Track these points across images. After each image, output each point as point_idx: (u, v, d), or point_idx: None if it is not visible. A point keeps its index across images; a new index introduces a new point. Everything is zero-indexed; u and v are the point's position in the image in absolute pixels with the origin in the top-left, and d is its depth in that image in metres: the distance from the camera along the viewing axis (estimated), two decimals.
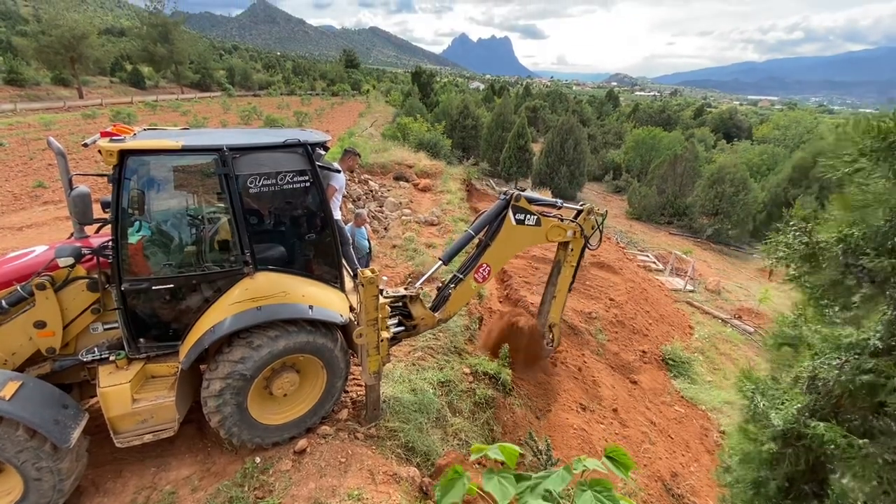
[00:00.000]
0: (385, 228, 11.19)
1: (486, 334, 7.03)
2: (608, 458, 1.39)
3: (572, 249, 6.19)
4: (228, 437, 3.77)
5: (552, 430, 5.97)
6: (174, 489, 3.64)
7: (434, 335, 6.44)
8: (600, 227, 6.21)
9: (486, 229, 5.41)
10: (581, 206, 6.19)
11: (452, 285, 5.20)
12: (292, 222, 4.00)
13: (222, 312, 3.54)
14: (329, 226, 3.98)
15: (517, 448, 1.40)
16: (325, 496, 3.58)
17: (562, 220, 5.94)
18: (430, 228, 11.46)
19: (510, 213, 5.35)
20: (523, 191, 5.60)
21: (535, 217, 5.55)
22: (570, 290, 6.53)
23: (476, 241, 5.44)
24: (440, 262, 5.29)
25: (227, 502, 3.52)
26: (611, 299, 10.33)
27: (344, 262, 4.55)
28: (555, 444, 5.66)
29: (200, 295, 3.67)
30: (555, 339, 6.77)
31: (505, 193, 5.46)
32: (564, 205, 6.03)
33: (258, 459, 3.85)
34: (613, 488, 1.35)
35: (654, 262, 17.28)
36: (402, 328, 4.94)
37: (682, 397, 8.42)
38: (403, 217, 12.13)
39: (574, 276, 6.43)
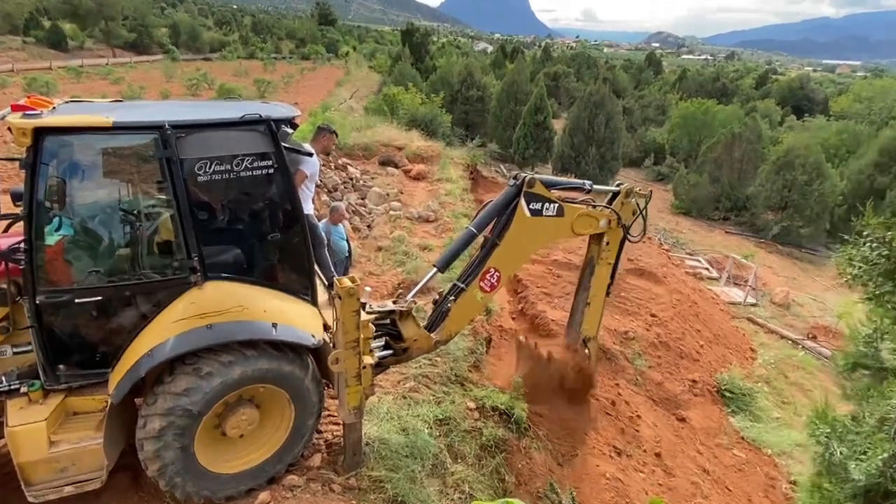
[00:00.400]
0: (368, 226, 11.20)
1: (526, 373, 6.88)
2: None
3: (608, 243, 6.15)
4: (170, 490, 3.71)
5: (579, 480, 5.97)
6: None
7: (430, 360, 6.44)
8: (643, 212, 6.19)
9: (492, 224, 5.39)
10: (618, 186, 6.18)
11: (452, 298, 5.17)
12: (252, 219, 4.01)
13: (163, 332, 3.54)
14: (298, 223, 3.99)
15: None
16: None
17: (593, 206, 5.95)
18: (426, 226, 11.48)
19: (523, 203, 5.28)
20: (538, 174, 5.61)
21: (556, 205, 5.49)
22: (608, 294, 6.53)
23: (481, 240, 5.43)
24: (435, 270, 5.29)
25: None
26: (652, 315, 10.33)
27: (317, 268, 4.56)
28: (582, 497, 5.66)
29: (136, 310, 3.65)
30: (591, 357, 6.77)
31: (515, 178, 5.45)
32: (594, 187, 6.04)
33: None
34: None
35: (707, 269, 17.31)
36: (390, 352, 4.93)
37: (743, 438, 8.43)
38: (392, 212, 12.14)
39: (613, 277, 6.44)
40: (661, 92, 54.14)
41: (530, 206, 5.32)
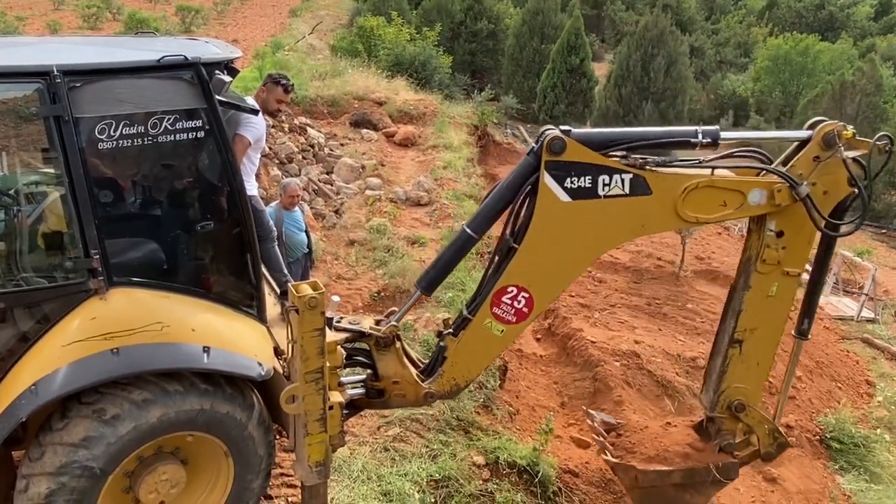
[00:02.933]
0: (336, 211, 11.24)
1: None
2: None
3: (780, 234, 4.66)
4: None
5: None
6: None
7: None
8: (869, 178, 4.49)
9: (507, 217, 4.59)
10: (812, 126, 4.55)
11: (450, 331, 4.79)
12: (174, 202, 4.03)
13: (51, 359, 3.49)
14: (238, 207, 3.98)
15: None
16: None
17: (751, 160, 4.65)
18: (415, 211, 11.49)
19: (547, 179, 4.32)
20: (569, 132, 4.43)
21: (629, 176, 4.37)
22: (803, 336, 5.27)
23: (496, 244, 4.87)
24: (417, 292, 4.85)
25: None
26: None
27: (264, 270, 4.54)
28: None
29: (11, 329, 3.62)
30: (760, 439, 5.18)
31: (537, 140, 4.44)
32: (723, 135, 4.57)
33: None
34: None
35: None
36: (364, 390, 4.82)
37: None
38: (369, 191, 12.14)
39: (811, 307, 5.21)
40: (743, 25, 53.56)
41: (566, 184, 4.34)
